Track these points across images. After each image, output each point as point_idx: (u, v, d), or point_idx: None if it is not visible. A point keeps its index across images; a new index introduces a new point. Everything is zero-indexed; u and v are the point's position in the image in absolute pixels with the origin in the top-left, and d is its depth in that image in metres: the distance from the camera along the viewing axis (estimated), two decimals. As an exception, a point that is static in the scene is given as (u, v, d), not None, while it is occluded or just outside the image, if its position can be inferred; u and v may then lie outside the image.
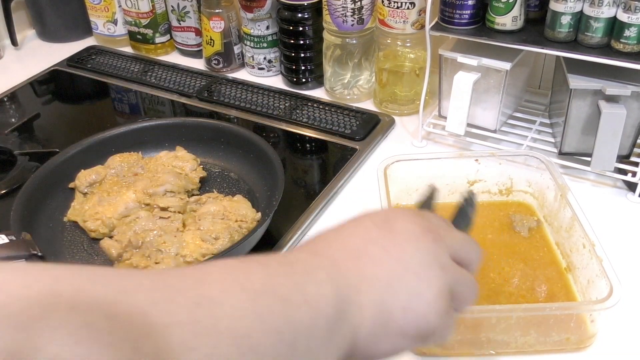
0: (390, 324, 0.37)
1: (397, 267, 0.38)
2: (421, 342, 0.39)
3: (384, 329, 0.37)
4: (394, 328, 0.37)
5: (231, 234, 0.68)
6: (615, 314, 0.61)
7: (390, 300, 0.37)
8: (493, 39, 0.78)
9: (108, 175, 0.78)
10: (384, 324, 0.37)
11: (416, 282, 0.38)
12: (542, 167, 0.73)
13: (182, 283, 0.31)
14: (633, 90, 0.74)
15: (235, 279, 0.32)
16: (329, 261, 0.36)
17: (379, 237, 0.39)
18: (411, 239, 0.40)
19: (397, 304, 0.37)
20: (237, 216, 0.70)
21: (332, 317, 0.34)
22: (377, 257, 0.38)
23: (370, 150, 0.89)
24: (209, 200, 0.73)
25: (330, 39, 0.97)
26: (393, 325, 0.37)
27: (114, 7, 1.20)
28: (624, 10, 0.70)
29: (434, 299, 0.38)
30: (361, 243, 0.39)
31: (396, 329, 0.37)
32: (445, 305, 0.39)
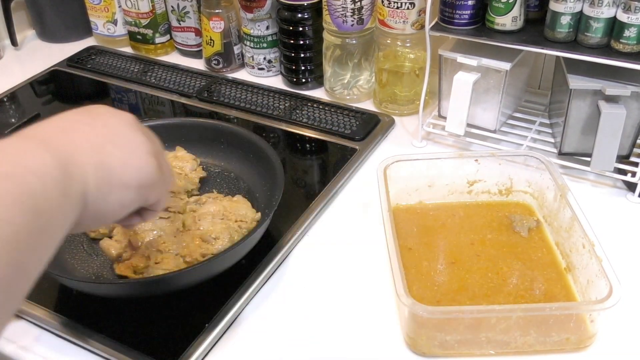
0: (113, 179, 0.43)
1: (106, 134, 0.45)
2: (144, 194, 0.46)
3: (108, 184, 0.43)
4: (117, 181, 0.44)
5: (231, 234, 0.68)
6: (615, 314, 0.61)
7: (108, 159, 0.43)
8: (493, 39, 0.78)
9: None
10: (107, 179, 0.43)
11: (127, 144, 0.45)
12: (541, 167, 0.73)
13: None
14: (633, 91, 0.74)
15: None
16: (39, 139, 0.40)
17: (84, 118, 0.45)
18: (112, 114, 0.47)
19: (115, 161, 0.44)
20: (236, 216, 0.70)
21: (60, 179, 0.38)
22: (85, 130, 0.44)
23: (370, 151, 0.89)
24: (209, 201, 0.73)
25: (330, 39, 0.97)
26: (115, 179, 0.43)
27: (114, 8, 1.20)
28: (623, 10, 0.70)
29: (147, 155, 0.46)
30: (67, 124, 0.44)
31: (119, 182, 0.44)
32: (156, 163, 0.47)
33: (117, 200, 0.44)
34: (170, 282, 0.63)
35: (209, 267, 0.63)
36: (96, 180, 0.42)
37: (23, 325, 0.65)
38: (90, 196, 0.41)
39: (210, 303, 0.64)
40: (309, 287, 0.68)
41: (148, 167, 0.46)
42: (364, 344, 0.61)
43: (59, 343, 0.63)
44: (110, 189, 0.43)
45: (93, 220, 0.44)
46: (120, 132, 0.46)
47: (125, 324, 0.63)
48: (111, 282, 0.66)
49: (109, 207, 0.44)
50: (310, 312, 0.65)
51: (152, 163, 0.47)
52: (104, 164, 0.43)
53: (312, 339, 0.62)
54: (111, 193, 0.43)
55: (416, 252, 0.70)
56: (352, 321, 0.64)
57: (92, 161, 0.42)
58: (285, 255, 0.72)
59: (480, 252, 0.69)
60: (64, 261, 0.70)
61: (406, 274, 0.59)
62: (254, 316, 0.65)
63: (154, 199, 0.49)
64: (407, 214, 0.75)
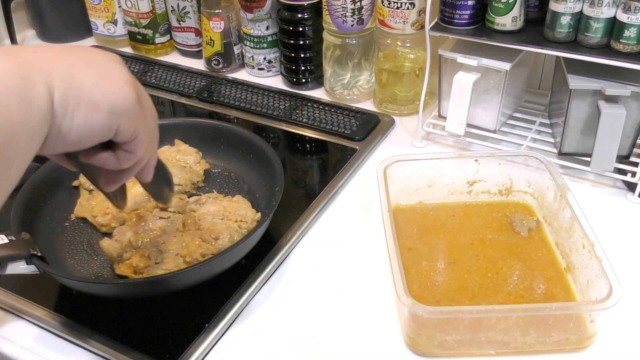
0: (81, 95, 0.40)
1: (83, 56, 0.42)
2: (115, 120, 0.42)
3: (75, 99, 0.40)
4: (85, 99, 0.40)
5: (231, 234, 0.68)
6: (614, 314, 0.61)
7: (78, 75, 0.40)
8: (493, 39, 0.78)
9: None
10: (75, 94, 0.40)
11: (105, 69, 0.42)
12: (541, 167, 0.73)
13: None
14: (633, 91, 0.74)
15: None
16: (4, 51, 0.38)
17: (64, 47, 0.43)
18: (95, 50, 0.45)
19: (87, 78, 0.41)
20: (236, 216, 0.70)
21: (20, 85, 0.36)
22: (60, 50, 0.42)
23: (370, 151, 0.89)
24: (209, 201, 0.74)
25: (330, 39, 0.97)
26: (84, 96, 0.40)
27: (114, 8, 1.20)
28: (623, 10, 0.70)
29: (124, 83, 0.43)
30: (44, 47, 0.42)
31: (88, 99, 0.40)
32: (134, 93, 0.44)
33: (83, 120, 0.40)
34: (170, 282, 0.63)
35: (209, 267, 0.63)
36: (62, 91, 0.39)
37: (23, 325, 0.65)
38: (58, 110, 0.39)
39: (210, 303, 0.64)
40: (309, 287, 0.68)
41: (124, 93, 0.43)
42: (364, 344, 0.61)
43: (59, 343, 0.63)
44: (77, 105, 0.40)
45: (56, 139, 0.40)
46: (99, 59, 0.44)
47: (125, 324, 0.63)
48: (111, 282, 0.66)
49: (74, 126, 0.40)
50: (310, 312, 0.65)
51: (129, 91, 0.43)
52: (73, 78, 0.40)
53: (312, 339, 0.62)
54: (78, 110, 0.40)
55: (416, 252, 0.70)
56: (352, 321, 0.64)
57: (59, 72, 0.39)
58: (285, 255, 0.72)
59: (480, 252, 0.69)
60: (64, 261, 0.70)
61: (406, 274, 0.59)
62: (254, 316, 0.65)
63: (127, 130, 0.44)
64: (407, 214, 0.75)
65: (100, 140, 0.43)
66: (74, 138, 0.41)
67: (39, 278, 0.61)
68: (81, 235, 0.74)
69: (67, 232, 0.74)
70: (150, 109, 0.48)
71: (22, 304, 0.65)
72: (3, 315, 0.66)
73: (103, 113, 0.41)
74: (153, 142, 0.50)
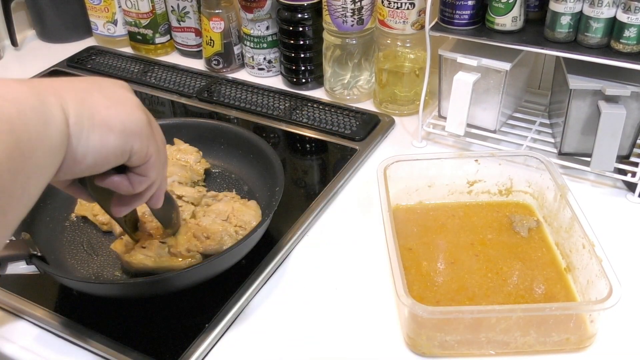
0: (95, 117, 0.41)
1: (95, 85, 0.44)
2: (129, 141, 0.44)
3: (90, 120, 0.41)
4: (99, 121, 0.42)
5: (222, 237, 0.67)
6: (614, 314, 0.61)
7: (90, 99, 0.42)
8: (493, 39, 0.78)
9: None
10: (89, 115, 0.41)
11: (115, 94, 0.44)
12: (541, 167, 0.73)
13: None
14: (633, 91, 0.74)
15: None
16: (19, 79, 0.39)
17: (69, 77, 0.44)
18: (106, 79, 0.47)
19: (99, 103, 0.42)
20: (238, 221, 0.70)
21: (37, 105, 0.37)
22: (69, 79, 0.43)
23: (370, 151, 0.89)
24: (224, 199, 0.74)
25: (330, 39, 0.97)
26: (98, 118, 0.42)
27: (114, 8, 1.20)
28: (623, 10, 0.70)
29: (135, 107, 0.45)
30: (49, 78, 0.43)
31: (101, 121, 0.42)
32: (145, 116, 0.46)
33: (99, 142, 0.42)
34: (170, 282, 0.63)
35: (209, 267, 0.63)
36: (76, 114, 0.40)
37: (23, 325, 0.65)
38: (73, 132, 0.40)
39: (210, 303, 0.64)
40: (309, 287, 0.68)
41: (135, 115, 0.45)
42: (364, 344, 0.61)
43: (59, 343, 0.63)
44: (91, 127, 0.41)
45: (73, 162, 0.41)
46: (108, 86, 0.45)
47: (125, 324, 0.63)
48: (111, 282, 0.67)
49: (90, 148, 0.41)
50: (310, 312, 0.65)
51: (139, 114, 0.45)
52: (85, 101, 0.41)
53: (312, 339, 0.62)
54: (93, 132, 0.41)
55: (416, 252, 0.70)
56: (352, 321, 0.64)
57: (72, 96, 0.41)
58: (285, 255, 0.72)
59: (480, 252, 0.69)
60: (64, 261, 0.70)
61: (406, 274, 0.59)
62: (254, 316, 0.65)
63: (140, 151, 0.45)
64: (407, 214, 0.75)
65: (115, 163, 0.45)
66: (89, 161, 0.42)
67: (39, 278, 0.61)
68: (81, 235, 0.74)
69: (67, 232, 0.74)
70: (159, 134, 0.49)
71: (22, 304, 0.65)
72: (3, 315, 0.66)
73: (116, 134, 0.43)
74: (164, 165, 0.51)
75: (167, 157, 0.52)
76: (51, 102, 0.39)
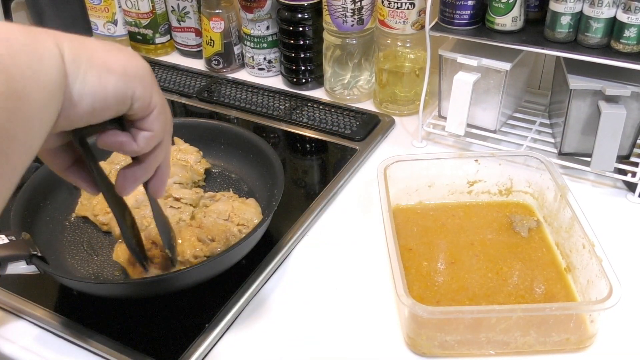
0: (93, 57, 0.39)
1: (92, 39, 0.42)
2: (131, 83, 0.41)
3: (88, 60, 0.38)
4: (98, 61, 0.39)
5: (227, 238, 0.68)
6: (615, 314, 0.61)
7: (88, 43, 0.40)
8: (493, 39, 0.78)
9: (113, 170, 0.78)
10: (87, 55, 0.39)
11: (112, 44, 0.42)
12: (541, 167, 0.73)
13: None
14: (633, 91, 0.74)
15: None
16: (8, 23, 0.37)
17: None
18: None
19: (97, 47, 0.40)
20: (240, 219, 0.70)
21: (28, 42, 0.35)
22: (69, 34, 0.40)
23: (370, 151, 0.89)
24: (222, 199, 0.74)
25: (330, 39, 0.97)
26: (96, 59, 0.39)
27: (114, 8, 1.20)
28: (623, 10, 0.70)
29: (135, 55, 0.43)
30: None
31: (100, 62, 0.39)
32: (148, 65, 0.43)
33: (97, 82, 0.39)
34: (170, 282, 0.63)
35: (209, 267, 0.63)
36: (73, 52, 0.38)
37: (23, 325, 0.65)
38: (70, 70, 0.37)
39: (210, 303, 0.64)
40: (309, 287, 0.68)
41: (137, 60, 0.42)
42: (364, 344, 0.61)
43: (59, 343, 0.63)
44: (89, 67, 0.38)
45: (69, 106, 0.38)
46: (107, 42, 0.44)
47: (125, 324, 0.63)
48: (111, 282, 0.67)
49: (87, 88, 0.38)
50: (310, 312, 0.65)
51: (141, 60, 0.43)
52: (82, 44, 0.39)
53: (312, 339, 0.62)
54: (90, 71, 0.38)
55: (416, 252, 0.70)
56: (352, 321, 0.64)
57: (68, 39, 0.38)
58: (285, 255, 0.72)
59: (480, 253, 0.69)
60: (64, 261, 0.70)
61: (406, 274, 0.59)
62: (254, 316, 0.65)
63: (143, 98, 0.42)
64: (407, 214, 0.75)
65: (116, 111, 0.41)
66: (87, 104, 0.39)
67: (39, 278, 0.61)
68: (81, 235, 0.74)
69: (67, 232, 0.74)
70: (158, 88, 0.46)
71: (22, 304, 0.65)
72: (3, 315, 0.66)
73: (117, 75, 0.40)
74: (168, 123, 0.47)
75: (171, 118, 0.48)
76: (44, 39, 0.37)
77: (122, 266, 0.68)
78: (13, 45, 0.34)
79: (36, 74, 0.35)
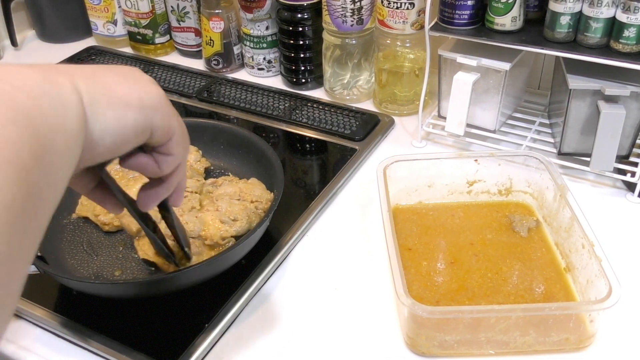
0: (109, 93, 0.38)
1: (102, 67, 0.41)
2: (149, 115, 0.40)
3: (105, 98, 0.38)
4: (113, 97, 0.38)
5: (249, 215, 0.69)
6: (614, 314, 0.61)
7: (102, 77, 0.39)
8: (492, 39, 0.78)
9: (112, 170, 0.78)
10: (103, 92, 0.38)
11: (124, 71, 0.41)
12: (541, 167, 0.73)
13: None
14: (632, 91, 0.74)
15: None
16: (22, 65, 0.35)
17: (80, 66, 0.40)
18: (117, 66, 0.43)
19: (110, 79, 0.39)
20: (252, 197, 0.71)
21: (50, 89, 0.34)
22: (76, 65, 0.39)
23: (369, 151, 0.89)
24: (225, 183, 0.74)
25: (330, 39, 0.97)
26: (112, 95, 0.38)
27: (113, 8, 1.20)
28: (623, 10, 0.70)
29: (148, 82, 0.42)
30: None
31: (116, 98, 0.38)
32: (162, 92, 0.43)
33: (116, 120, 0.38)
34: (170, 282, 0.63)
35: (209, 267, 0.63)
36: (89, 93, 0.37)
37: (23, 325, 0.65)
38: (88, 110, 0.36)
39: (210, 303, 0.64)
40: (309, 287, 0.68)
41: (151, 88, 0.41)
42: (363, 344, 0.61)
43: (59, 343, 0.63)
44: (107, 105, 0.38)
45: (91, 146, 0.37)
46: (118, 67, 0.43)
47: (125, 324, 0.63)
48: (111, 282, 0.67)
49: (108, 127, 0.38)
50: (310, 312, 0.65)
51: (156, 88, 0.42)
52: (96, 79, 0.38)
53: (312, 339, 0.62)
54: (109, 109, 0.38)
55: (416, 252, 0.70)
56: (352, 321, 0.64)
57: (82, 76, 0.37)
58: (285, 255, 0.72)
59: (480, 252, 0.69)
60: (64, 261, 0.70)
61: (406, 274, 0.59)
62: (254, 316, 0.65)
63: (162, 127, 0.42)
64: (406, 214, 0.75)
65: (136, 143, 0.42)
66: (108, 142, 0.38)
67: (39, 278, 0.61)
68: (81, 235, 0.74)
69: (67, 232, 0.74)
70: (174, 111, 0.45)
71: (22, 304, 0.65)
72: (3, 316, 0.66)
73: (135, 109, 0.40)
74: (187, 143, 0.47)
75: (188, 136, 0.47)
76: (62, 82, 0.35)
77: (121, 266, 0.68)
78: (37, 93, 0.33)
79: (60, 124, 0.33)
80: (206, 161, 0.82)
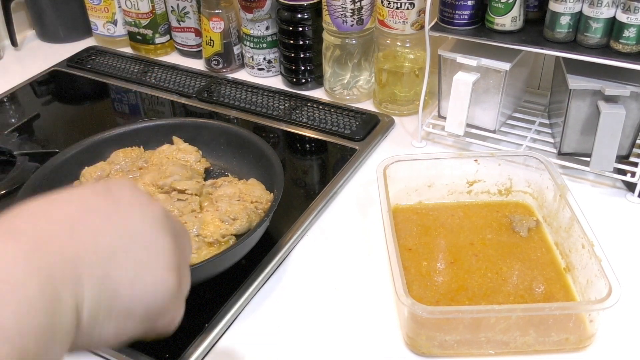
0: (115, 303, 0.33)
1: (122, 236, 0.34)
2: (149, 325, 0.36)
3: (107, 309, 0.33)
4: (119, 306, 0.33)
5: (249, 214, 0.69)
6: (614, 314, 0.61)
7: (115, 273, 0.33)
8: (492, 39, 0.78)
9: (113, 171, 0.78)
10: (108, 303, 0.33)
11: (145, 250, 0.35)
12: (541, 167, 0.73)
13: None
14: (632, 91, 0.74)
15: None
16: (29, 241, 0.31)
17: (100, 204, 0.35)
18: (136, 205, 0.36)
19: (124, 278, 0.33)
20: (252, 197, 0.71)
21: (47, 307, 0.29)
22: (98, 226, 0.33)
23: (369, 151, 0.89)
24: (224, 184, 0.75)
25: (330, 39, 0.97)
26: (118, 304, 0.33)
27: (113, 8, 1.20)
28: (623, 10, 0.70)
29: (165, 271, 0.36)
30: (76, 212, 0.34)
31: (121, 307, 0.34)
32: (176, 280, 0.36)
33: (114, 331, 0.34)
34: (170, 282, 0.63)
35: (209, 267, 0.63)
36: (93, 304, 0.32)
37: (23, 326, 0.65)
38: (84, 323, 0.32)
39: (210, 303, 0.64)
40: (309, 287, 0.68)
41: (163, 286, 0.36)
42: (363, 344, 0.61)
43: (59, 343, 0.63)
44: (108, 317, 0.33)
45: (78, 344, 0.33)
46: (140, 232, 0.35)
47: (125, 324, 0.63)
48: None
49: (103, 337, 0.34)
50: (310, 312, 0.65)
51: (169, 281, 0.36)
52: (108, 279, 0.33)
53: (312, 339, 0.62)
54: (109, 321, 0.33)
55: (416, 252, 0.70)
56: (352, 321, 0.64)
57: (96, 277, 0.32)
58: (285, 255, 0.72)
59: (480, 252, 0.69)
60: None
61: (406, 274, 0.59)
62: (253, 316, 0.65)
63: (163, 326, 0.38)
64: (406, 214, 0.75)
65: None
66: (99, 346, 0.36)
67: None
68: (81, 236, 0.74)
69: (67, 232, 0.74)
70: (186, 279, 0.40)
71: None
72: (3, 316, 0.66)
73: (136, 320, 0.35)
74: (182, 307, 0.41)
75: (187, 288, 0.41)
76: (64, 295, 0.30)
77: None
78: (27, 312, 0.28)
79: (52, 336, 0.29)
80: (206, 161, 0.82)
